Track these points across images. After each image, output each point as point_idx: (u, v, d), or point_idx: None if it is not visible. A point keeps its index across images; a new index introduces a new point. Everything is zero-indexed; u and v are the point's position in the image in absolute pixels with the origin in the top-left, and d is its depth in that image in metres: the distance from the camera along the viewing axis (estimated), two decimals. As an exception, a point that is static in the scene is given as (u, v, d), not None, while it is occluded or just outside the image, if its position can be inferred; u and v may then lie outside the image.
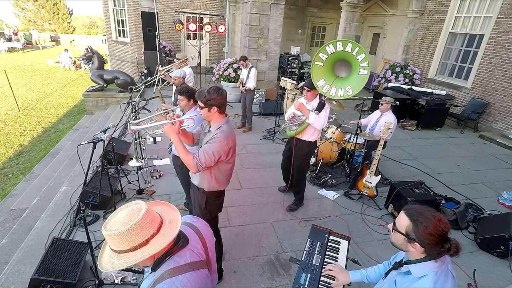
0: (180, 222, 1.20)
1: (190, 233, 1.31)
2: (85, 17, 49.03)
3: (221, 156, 2.12)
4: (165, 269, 1.14)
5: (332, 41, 3.27)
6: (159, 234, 1.12)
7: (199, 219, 1.47)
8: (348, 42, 3.19)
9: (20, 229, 3.64)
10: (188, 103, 2.94)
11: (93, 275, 2.60)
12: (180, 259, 1.17)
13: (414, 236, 1.28)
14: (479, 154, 6.20)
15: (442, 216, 1.30)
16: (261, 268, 2.94)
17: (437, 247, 1.26)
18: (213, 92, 2.05)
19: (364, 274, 1.81)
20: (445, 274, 1.30)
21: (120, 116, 4.69)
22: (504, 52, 7.04)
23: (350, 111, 8.03)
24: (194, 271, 1.18)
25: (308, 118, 3.30)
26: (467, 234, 3.61)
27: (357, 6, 8.55)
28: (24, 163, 6.74)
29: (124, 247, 1.07)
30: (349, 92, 3.23)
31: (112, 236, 1.06)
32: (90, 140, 2.93)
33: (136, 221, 1.06)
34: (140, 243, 1.08)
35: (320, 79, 3.41)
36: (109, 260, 1.11)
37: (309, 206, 3.99)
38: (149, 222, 1.10)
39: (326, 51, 3.32)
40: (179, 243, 1.20)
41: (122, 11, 11.82)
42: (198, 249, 1.27)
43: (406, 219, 1.32)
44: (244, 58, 6.19)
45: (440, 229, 1.25)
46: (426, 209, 1.31)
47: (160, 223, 1.15)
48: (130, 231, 1.05)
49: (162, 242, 1.11)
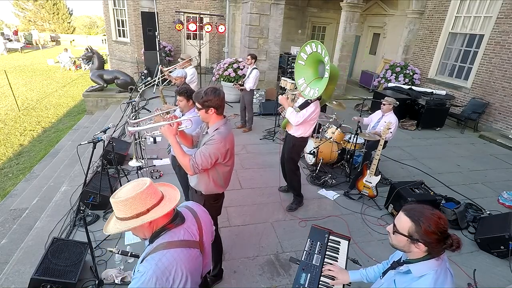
0: (178, 199, 1.35)
1: (188, 215, 1.43)
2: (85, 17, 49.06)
3: (218, 158, 2.09)
4: (159, 242, 1.27)
5: (309, 42, 3.31)
6: (159, 206, 1.27)
7: (200, 205, 1.58)
8: (318, 44, 3.20)
9: (20, 229, 3.64)
10: (187, 103, 2.93)
11: (93, 275, 2.59)
12: (174, 235, 1.30)
13: (417, 237, 1.28)
14: (479, 154, 6.20)
15: (441, 213, 1.31)
16: (261, 268, 2.94)
17: (440, 245, 1.27)
18: (210, 93, 2.02)
19: (363, 274, 1.81)
20: (444, 273, 1.30)
21: (120, 116, 4.69)
22: (504, 52, 7.04)
23: (350, 111, 8.03)
24: (185, 248, 1.30)
25: (285, 111, 3.43)
26: (467, 234, 3.61)
27: (357, 6, 8.55)
28: (24, 163, 6.74)
29: (127, 214, 1.22)
30: (316, 94, 3.20)
31: (118, 203, 1.21)
32: (90, 140, 2.94)
33: (140, 191, 1.22)
34: (141, 212, 1.22)
35: (301, 77, 3.50)
36: (114, 225, 1.26)
37: (309, 206, 3.99)
38: (151, 194, 1.26)
39: (305, 50, 3.38)
40: (176, 221, 1.33)
41: (122, 11, 11.83)
42: (192, 230, 1.38)
43: (407, 220, 1.31)
44: (253, 56, 6.10)
45: (441, 226, 1.26)
46: (425, 208, 1.32)
47: (161, 198, 1.30)
48: (134, 198, 1.21)
49: (160, 211, 1.26)
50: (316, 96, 3.23)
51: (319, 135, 5.19)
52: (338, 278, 1.81)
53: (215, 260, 2.63)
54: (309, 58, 3.42)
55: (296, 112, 3.39)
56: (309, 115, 3.39)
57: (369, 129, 4.56)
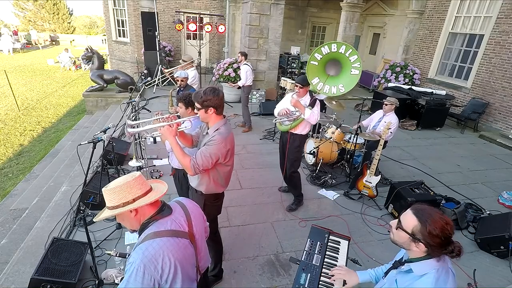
0: (164, 190, 1.41)
1: (176, 207, 1.48)
2: (85, 17, 49.07)
3: (218, 159, 2.10)
4: (147, 232, 1.32)
5: (328, 43, 3.59)
6: (146, 197, 1.34)
7: (191, 200, 1.63)
8: (342, 45, 3.53)
9: (20, 229, 3.64)
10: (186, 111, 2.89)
11: (93, 275, 2.59)
12: (161, 226, 1.34)
13: (420, 237, 1.28)
14: (479, 154, 6.20)
15: (449, 219, 1.30)
16: (261, 268, 2.94)
17: (441, 249, 1.27)
18: (209, 93, 2.03)
19: (372, 275, 1.78)
20: (445, 272, 1.30)
21: (120, 116, 4.69)
22: (504, 52, 7.04)
23: (350, 111, 8.04)
24: (172, 237, 1.34)
25: (303, 113, 3.46)
26: (467, 234, 3.61)
27: (357, 6, 8.54)
28: (24, 163, 6.74)
29: (116, 203, 1.29)
30: (342, 90, 3.56)
31: (106, 191, 1.30)
32: (90, 140, 2.93)
33: (127, 181, 1.31)
34: (127, 201, 1.29)
35: (315, 77, 3.72)
36: (103, 213, 1.34)
37: (309, 206, 3.99)
38: (139, 185, 1.33)
39: (321, 51, 3.63)
40: (163, 212, 1.38)
41: (122, 11, 11.82)
42: (180, 220, 1.43)
43: (414, 218, 1.31)
44: (242, 53, 6.15)
45: (446, 232, 1.25)
46: (434, 211, 1.31)
47: (148, 190, 1.37)
48: (122, 187, 1.29)
49: (145, 201, 1.32)
50: (342, 93, 3.55)
51: (319, 135, 5.19)
52: (347, 280, 1.76)
53: (215, 260, 2.63)
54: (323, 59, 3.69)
55: (311, 111, 3.46)
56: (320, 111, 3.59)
57: (369, 129, 4.56)
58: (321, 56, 3.66)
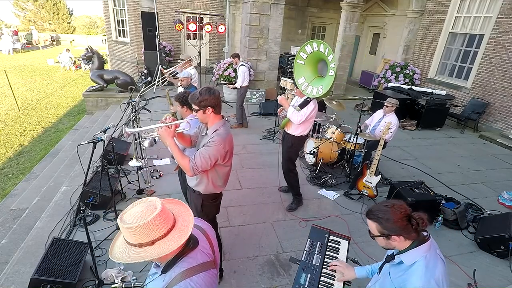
0: (191, 229, 1.18)
1: (198, 234, 1.30)
2: (85, 17, 49.00)
3: (217, 160, 2.10)
4: (178, 271, 1.13)
5: (310, 41, 3.39)
6: (166, 238, 1.11)
7: (202, 220, 1.47)
8: (321, 43, 3.31)
9: (20, 229, 3.64)
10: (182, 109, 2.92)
11: (93, 275, 2.59)
12: (193, 260, 1.17)
13: (387, 232, 1.38)
14: (479, 154, 6.20)
15: (394, 201, 1.42)
16: (261, 268, 2.94)
17: (409, 227, 1.35)
18: (204, 93, 2.04)
19: (369, 270, 1.85)
20: (434, 258, 1.37)
21: (120, 116, 4.69)
22: (504, 52, 7.04)
23: (350, 111, 8.04)
24: (205, 271, 1.19)
25: (286, 111, 3.50)
26: (467, 234, 3.61)
27: (357, 6, 8.55)
28: (24, 163, 6.74)
29: (131, 241, 1.08)
30: (320, 91, 3.32)
31: (123, 228, 1.08)
32: (90, 140, 2.93)
33: (145, 221, 1.05)
34: (145, 242, 1.08)
35: (301, 77, 3.57)
36: (118, 248, 1.13)
37: (309, 206, 3.99)
38: (159, 224, 1.09)
39: (305, 50, 3.46)
40: (190, 245, 1.19)
41: (122, 11, 11.83)
42: (207, 249, 1.28)
43: (371, 222, 1.43)
44: (234, 55, 6.17)
45: (398, 212, 1.35)
46: (380, 205, 1.44)
47: (171, 227, 1.13)
48: (138, 228, 1.05)
49: (167, 247, 1.09)
50: (321, 94, 3.30)
51: (319, 135, 5.19)
52: (344, 273, 1.84)
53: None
54: (309, 58, 3.49)
55: (297, 111, 3.44)
56: (309, 114, 3.45)
57: (369, 129, 4.56)
58: (306, 55, 3.48)
